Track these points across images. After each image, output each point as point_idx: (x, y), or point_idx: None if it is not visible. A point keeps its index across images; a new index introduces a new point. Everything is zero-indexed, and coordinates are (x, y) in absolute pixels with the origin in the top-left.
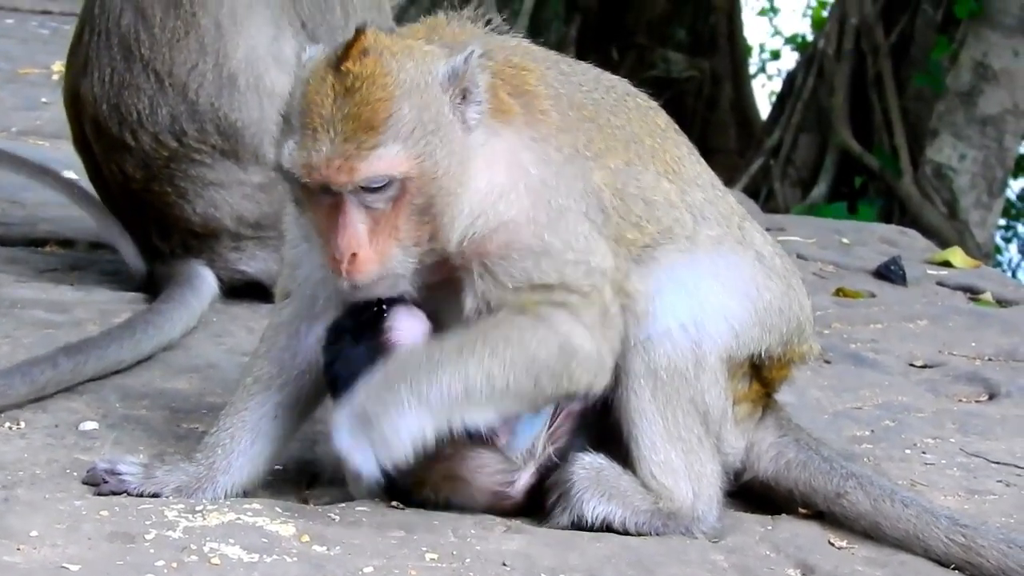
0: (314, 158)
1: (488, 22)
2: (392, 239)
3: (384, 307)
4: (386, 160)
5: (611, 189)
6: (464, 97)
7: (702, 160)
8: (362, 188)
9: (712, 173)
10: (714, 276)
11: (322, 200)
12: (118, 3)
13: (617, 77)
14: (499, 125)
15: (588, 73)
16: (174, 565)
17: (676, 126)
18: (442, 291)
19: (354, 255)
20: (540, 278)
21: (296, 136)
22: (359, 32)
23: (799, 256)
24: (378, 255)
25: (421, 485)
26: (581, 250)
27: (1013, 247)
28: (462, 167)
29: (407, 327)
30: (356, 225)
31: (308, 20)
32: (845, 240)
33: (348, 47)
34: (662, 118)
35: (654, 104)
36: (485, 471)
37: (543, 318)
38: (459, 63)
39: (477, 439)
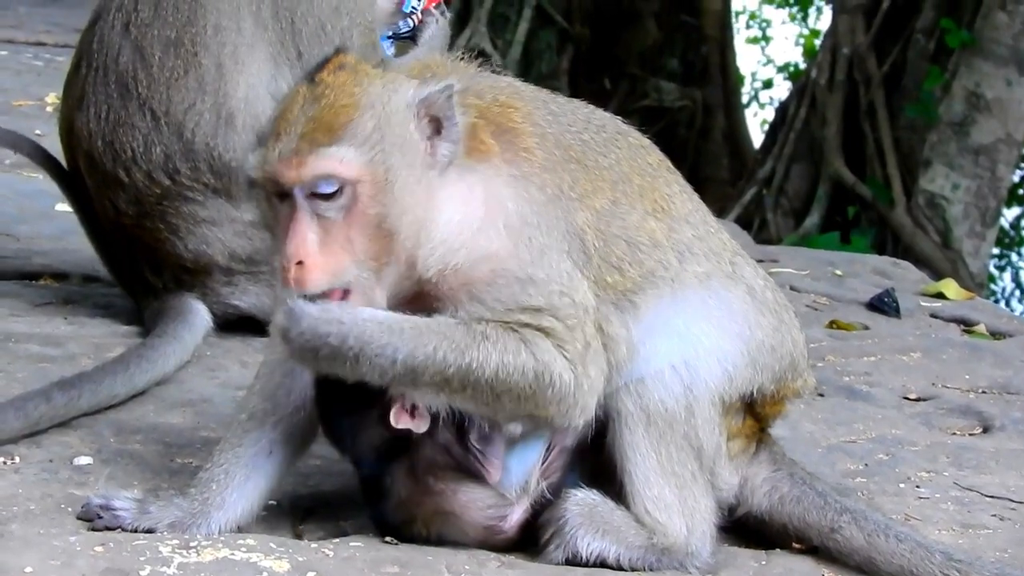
0: (269, 154)
1: (482, 61)
2: (344, 251)
3: None
4: (335, 160)
5: (594, 231)
6: (438, 131)
7: (695, 197)
8: (314, 194)
9: (705, 210)
10: (704, 315)
11: (279, 208)
12: (117, 40)
13: (609, 115)
14: (476, 163)
15: (578, 112)
16: None
17: (669, 164)
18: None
19: (301, 263)
20: (528, 302)
21: (266, 139)
22: (339, 51)
23: (792, 288)
24: (326, 265)
25: (411, 522)
26: (565, 284)
27: (1007, 276)
28: (425, 194)
29: None
30: (306, 232)
31: (305, 51)
32: (838, 272)
33: (326, 61)
34: (654, 156)
35: (647, 142)
36: (476, 506)
37: (527, 342)
38: (432, 92)
39: (467, 474)
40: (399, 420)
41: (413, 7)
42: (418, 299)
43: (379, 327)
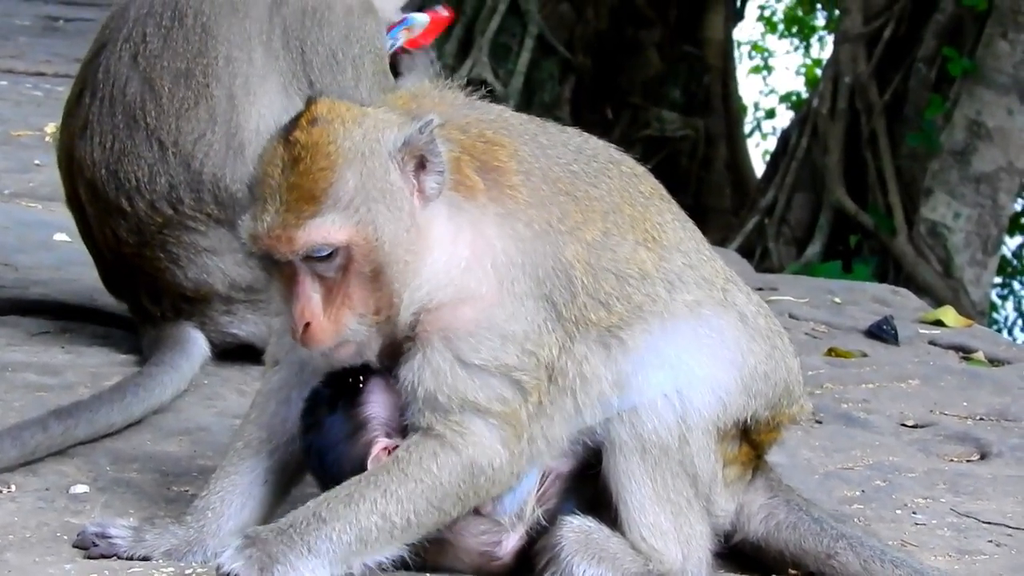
0: (258, 228)
1: (474, 91)
2: (345, 308)
3: (360, 378)
4: (324, 229)
5: (583, 264)
6: (423, 167)
7: (689, 225)
8: (310, 257)
9: (699, 238)
10: (696, 344)
11: (280, 269)
12: (125, 71)
13: (603, 143)
14: (462, 199)
15: (570, 143)
16: None
17: (663, 192)
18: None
19: (308, 324)
20: (503, 359)
21: (252, 207)
22: (310, 101)
23: (791, 316)
24: (332, 324)
25: None
26: (534, 341)
27: (1009, 305)
28: (415, 236)
29: (381, 399)
30: (309, 294)
31: (317, 80)
32: (837, 300)
33: (298, 117)
34: (647, 185)
35: (640, 170)
36: (469, 532)
37: (450, 441)
38: (413, 132)
39: None
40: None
41: (392, 44)
42: (392, 344)
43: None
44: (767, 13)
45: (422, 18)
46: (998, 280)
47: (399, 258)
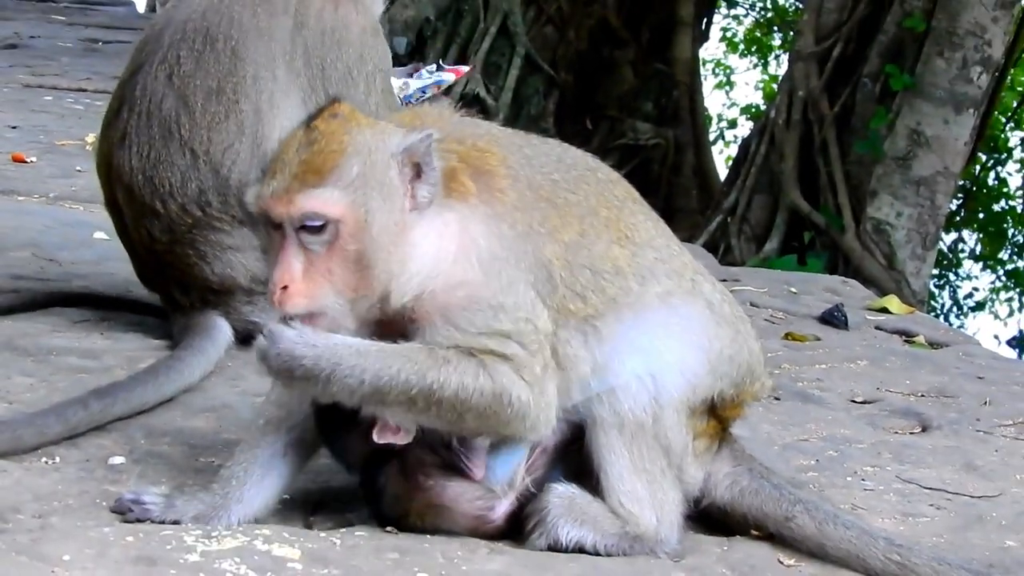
0: (264, 190)
1: (469, 106)
2: (324, 280)
3: None
4: (321, 200)
5: (561, 261)
6: (418, 175)
7: (660, 224)
8: (302, 228)
9: (668, 235)
10: (666, 331)
11: (274, 236)
12: (161, 89)
13: (581, 152)
14: (454, 201)
15: (551, 153)
16: None
17: (636, 195)
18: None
19: (286, 288)
20: (498, 327)
21: (265, 175)
22: (334, 100)
23: (752, 304)
24: (307, 291)
25: (406, 515)
26: (529, 312)
27: (946, 294)
28: (402, 230)
29: None
30: (292, 260)
31: (334, 94)
32: (793, 290)
33: (322, 110)
34: (621, 189)
35: (615, 176)
36: (465, 498)
37: (486, 366)
38: (414, 141)
39: (455, 470)
40: (382, 436)
41: (421, 96)
42: (392, 324)
43: (349, 351)
44: (729, 34)
45: (450, 76)
46: (936, 272)
47: (383, 246)
